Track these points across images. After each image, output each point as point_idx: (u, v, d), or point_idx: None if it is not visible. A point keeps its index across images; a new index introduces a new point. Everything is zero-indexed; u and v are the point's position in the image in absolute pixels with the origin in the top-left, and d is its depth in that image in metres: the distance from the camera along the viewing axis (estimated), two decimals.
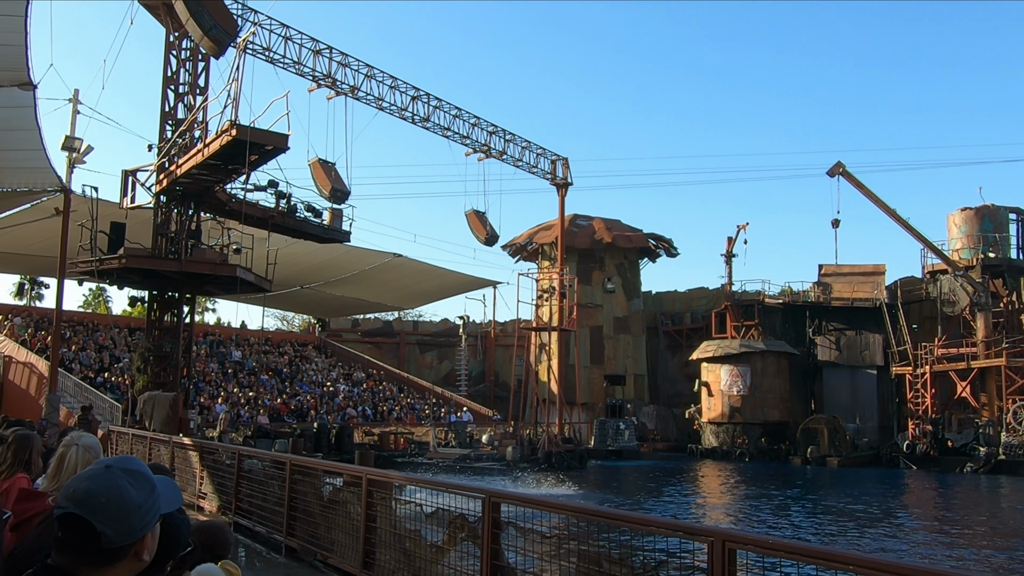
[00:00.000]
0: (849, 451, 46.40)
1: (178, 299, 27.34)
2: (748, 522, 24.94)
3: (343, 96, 33.03)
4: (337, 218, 29.92)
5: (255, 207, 26.95)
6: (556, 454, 38.99)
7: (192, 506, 13.67)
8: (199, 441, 16.39)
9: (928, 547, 20.62)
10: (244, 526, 11.68)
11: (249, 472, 12.17)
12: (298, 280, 42.65)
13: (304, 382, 46.56)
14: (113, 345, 40.42)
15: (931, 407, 46.04)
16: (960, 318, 48.11)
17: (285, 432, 33.38)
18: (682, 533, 5.07)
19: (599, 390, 54.58)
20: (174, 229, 26.13)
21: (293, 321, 73.21)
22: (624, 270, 59.01)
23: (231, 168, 23.54)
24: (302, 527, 10.12)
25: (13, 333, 36.49)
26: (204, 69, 27.02)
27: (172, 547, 2.35)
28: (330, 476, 10.18)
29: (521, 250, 61.14)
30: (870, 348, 51.21)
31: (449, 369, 62.10)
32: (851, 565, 4.00)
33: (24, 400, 31.26)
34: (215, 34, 22.74)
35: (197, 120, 25.65)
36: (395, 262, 41.98)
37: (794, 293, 55.03)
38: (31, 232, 30.26)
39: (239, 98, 21.28)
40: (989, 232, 48.19)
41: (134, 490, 1.88)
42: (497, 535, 6.30)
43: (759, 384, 50.79)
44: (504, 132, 41.80)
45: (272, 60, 30.54)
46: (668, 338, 60.82)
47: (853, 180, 47.55)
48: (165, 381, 26.10)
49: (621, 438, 47.22)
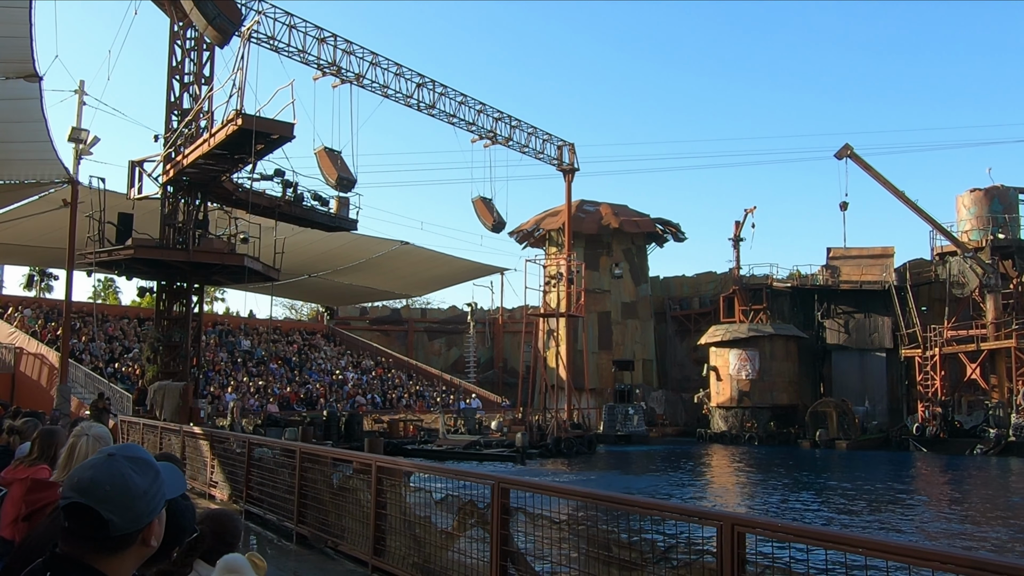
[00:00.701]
0: (858, 434, 46.35)
1: (186, 289, 27.41)
2: (756, 506, 24.99)
3: (348, 84, 32.95)
4: (344, 206, 29.90)
5: (262, 196, 26.98)
6: (565, 440, 39.07)
7: (203, 495, 13.75)
8: (209, 430, 16.45)
9: (937, 528, 20.62)
10: (255, 514, 11.74)
11: (259, 460, 12.21)
12: (306, 269, 42.72)
13: (313, 370, 46.71)
14: (123, 335, 40.60)
15: (941, 389, 45.94)
16: (970, 300, 47.89)
17: (295, 420, 33.52)
18: (691, 517, 5.08)
19: (607, 375, 54.63)
20: (181, 219, 26.17)
21: (301, 310, 73.38)
22: (631, 255, 58.94)
23: (237, 158, 23.56)
24: (313, 515, 10.17)
25: (23, 325, 36.68)
26: (209, 59, 26.97)
27: (178, 533, 2.36)
28: (340, 464, 10.21)
29: (528, 236, 61.10)
30: (879, 331, 51.07)
31: (457, 356, 62.21)
32: (860, 547, 3.99)
33: (36, 391, 31.46)
34: (219, 23, 22.68)
35: (203, 110, 25.65)
36: (402, 249, 41.99)
37: (802, 276, 54.88)
38: (39, 224, 30.35)
39: (244, 87, 21.27)
40: (998, 213, 47.90)
41: (138, 477, 1.88)
42: (506, 521, 6.32)
43: (768, 368, 50.73)
44: (510, 118, 41.68)
45: (277, 49, 30.47)
46: (676, 323, 60.77)
47: (861, 162, 47.32)
48: (175, 371, 26.20)
49: (630, 423, 47.29)
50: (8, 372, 33.25)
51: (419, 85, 36.27)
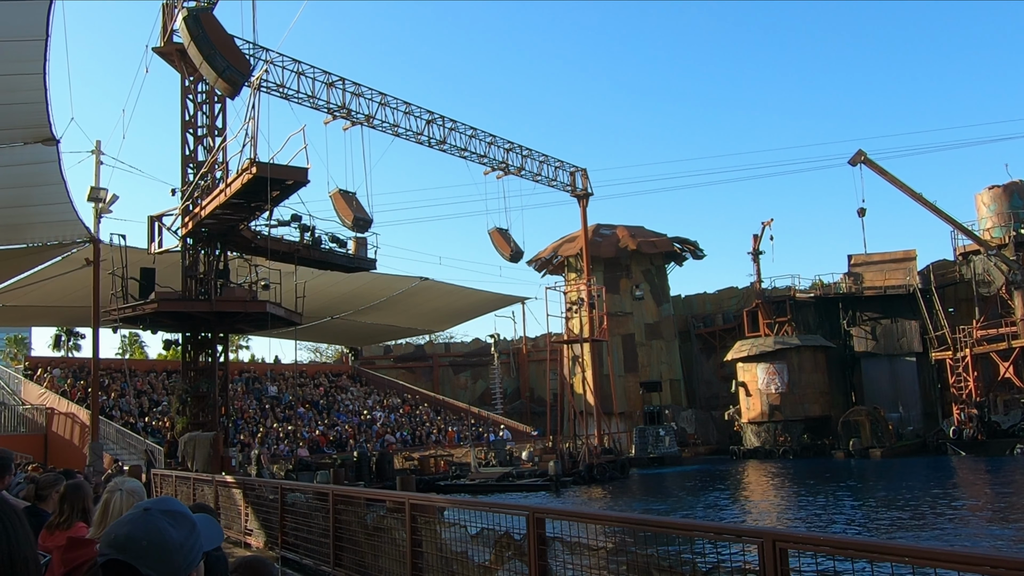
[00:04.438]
0: (893, 441, 45.72)
1: (211, 339, 27.59)
2: (795, 521, 24.61)
3: (359, 125, 33.28)
4: (362, 247, 30.08)
5: (280, 242, 27.19)
6: (598, 466, 38.77)
7: (239, 543, 13.73)
8: (241, 478, 16.47)
9: (988, 533, 20.21)
10: (292, 560, 11.70)
11: (293, 505, 12.19)
12: (328, 311, 42.92)
13: (341, 412, 46.72)
14: (151, 389, 40.85)
15: (975, 390, 45.28)
16: (997, 298, 47.31)
17: (325, 463, 33.48)
18: (730, 536, 5.01)
19: (635, 398, 54.28)
20: (202, 270, 26.42)
21: (326, 352, 73.65)
22: (651, 276, 58.76)
23: (254, 205, 23.80)
24: (349, 556, 10.11)
25: (53, 385, 36.98)
26: (221, 110, 27.39)
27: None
28: (373, 504, 10.17)
29: (547, 264, 61.12)
30: (907, 335, 50.51)
31: (484, 388, 62.08)
32: (907, 556, 3.92)
33: (68, 450, 31.63)
34: (229, 75, 23.04)
35: (217, 161, 25.98)
36: (422, 285, 42.11)
37: (825, 286, 54.49)
38: (63, 284, 30.70)
39: (257, 136, 21.57)
40: (1019, 209, 47.43)
41: (174, 530, 1.87)
42: (544, 551, 6.25)
43: (797, 380, 50.23)
44: (521, 148, 41.88)
45: (287, 96, 30.85)
46: (701, 340, 60.40)
47: (876, 167, 47.12)
48: (204, 421, 26.30)
49: (662, 445, 46.87)
50: (40, 433, 33.49)
51: (429, 122, 36.56)
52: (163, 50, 27.16)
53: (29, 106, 14.71)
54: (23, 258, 26.05)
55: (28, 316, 41.53)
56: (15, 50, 12.91)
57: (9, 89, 14.23)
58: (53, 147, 16.37)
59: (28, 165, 17.39)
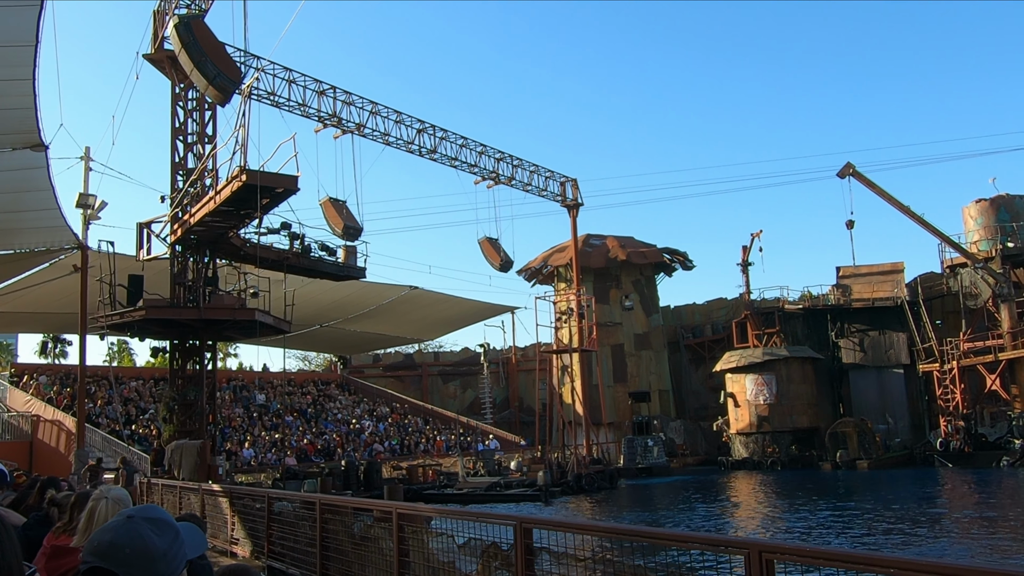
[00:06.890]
0: (880, 452, 45.84)
1: (199, 347, 27.48)
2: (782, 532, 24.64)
3: (349, 134, 33.26)
4: (351, 255, 30.02)
5: (269, 250, 27.11)
6: (586, 476, 38.72)
7: (225, 552, 13.65)
8: (228, 487, 16.38)
9: (973, 545, 20.26)
10: (278, 569, 11.64)
11: (280, 514, 12.15)
12: (317, 319, 42.79)
13: (329, 421, 46.56)
14: (138, 397, 40.61)
15: (962, 403, 45.47)
16: (984, 310, 47.55)
17: (313, 472, 33.32)
18: (717, 547, 5.01)
19: (624, 408, 54.26)
20: (191, 277, 26.32)
21: (315, 360, 73.36)
22: (641, 286, 58.83)
23: (243, 213, 23.74)
24: (335, 566, 10.07)
25: (39, 392, 36.72)
26: (211, 117, 27.34)
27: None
28: (360, 513, 10.14)
29: (536, 274, 61.13)
30: (895, 347, 50.73)
31: (473, 398, 61.93)
32: (892, 567, 3.93)
33: (54, 457, 31.40)
34: (220, 82, 23.03)
35: (207, 168, 25.93)
36: (412, 294, 42.06)
37: (814, 297, 54.68)
38: (51, 290, 30.53)
39: (247, 143, 21.52)
40: (1006, 222, 47.74)
41: (158, 538, 1.86)
42: (531, 561, 6.24)
43: (785, 391, 50.35)
44: (511, 158, 41.92)
45: (277, 104, 30.83)
46: (690, 351, 60.46)
47: (864, 180, 47.36)
48: (191, 429, 26.16)
49: (650, 455, 46.84)
50: (26, 440, 33.24)
51: (419, 131, 36.57)
52: (154, 57, 27.12)
53: (18, 111, 14.66)
54: (10, 264, 25.91)
55: (14, 322, 41.28)
56: (5, 55, 12.86)
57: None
58: (42, 153, 16.31)
59: (16, 171, 17.32)
